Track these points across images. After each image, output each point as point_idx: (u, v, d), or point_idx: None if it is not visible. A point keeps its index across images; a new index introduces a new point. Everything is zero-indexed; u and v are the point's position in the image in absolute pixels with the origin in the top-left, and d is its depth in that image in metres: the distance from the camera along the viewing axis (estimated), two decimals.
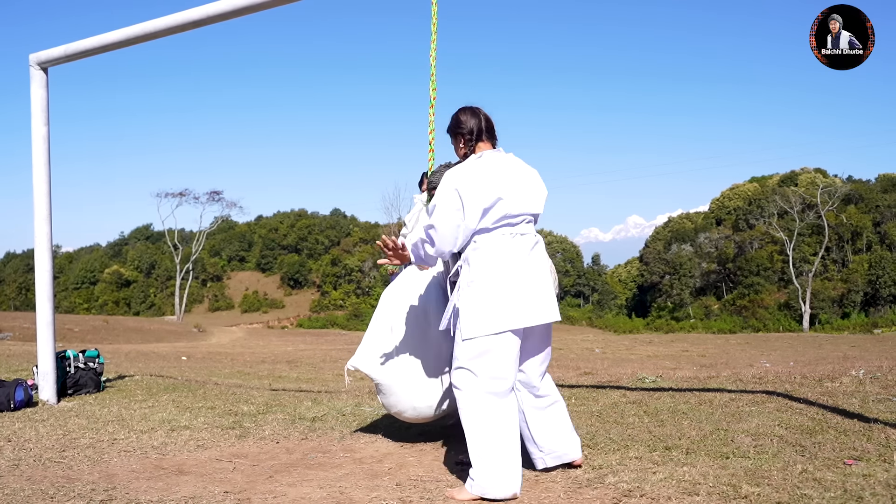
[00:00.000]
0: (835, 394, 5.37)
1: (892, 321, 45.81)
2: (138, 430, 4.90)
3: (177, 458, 4.16)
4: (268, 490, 3.48)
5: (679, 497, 3.06)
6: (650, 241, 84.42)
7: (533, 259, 3.38)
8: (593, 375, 8.70)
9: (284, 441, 4.60)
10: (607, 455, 3.85)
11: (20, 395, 5.67)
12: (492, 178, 3.30)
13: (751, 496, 3.01)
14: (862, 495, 2.95)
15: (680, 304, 71.37)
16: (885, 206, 70.46)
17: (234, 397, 6.42)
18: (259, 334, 43.43)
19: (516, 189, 3.36)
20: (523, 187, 3.40)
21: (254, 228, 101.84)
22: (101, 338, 30.90)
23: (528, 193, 3.41)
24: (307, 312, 79.61)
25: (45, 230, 6.06)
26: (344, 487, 3.49)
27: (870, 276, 65.06)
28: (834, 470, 3.34)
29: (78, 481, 3.66)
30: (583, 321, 65.16)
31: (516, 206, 3.34)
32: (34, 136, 5.98)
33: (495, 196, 3.28)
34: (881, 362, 9.02)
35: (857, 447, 3.75)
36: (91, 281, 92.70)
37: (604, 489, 3.26)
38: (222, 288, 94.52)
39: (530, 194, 3.42)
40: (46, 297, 6.08)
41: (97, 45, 5.66)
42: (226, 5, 5.03)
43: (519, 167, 3.46)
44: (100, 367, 6.67)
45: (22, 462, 4.06)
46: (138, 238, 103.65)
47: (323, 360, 16.53)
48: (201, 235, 66.04)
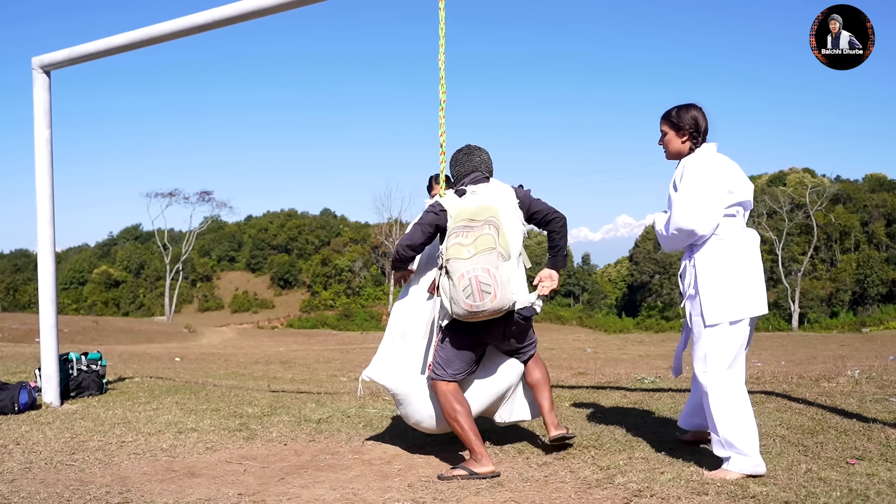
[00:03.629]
0: (832, 394, 5.45)
1: (879, 320, 46.20)
2: (146, 433, 4.93)
3: (187, 461, 4.20)
4: (281, 492, 3.52)
5: (689, 497, 3.13)
6: (640, 241, 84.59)
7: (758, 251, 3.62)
8: (588, 376, 8.78)
9: (292, 443, 4.64)
10: (614, 455, 3.91)
11: (24, 397, 5.68)
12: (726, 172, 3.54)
13: (759, 496, 3.07)
14: (867, 494, 3.02)
15: (670, 304, 71.58)
16: (873, 205, 71.01)
17: (236, 399, 6.44)
18: (250, 335, 43.36)
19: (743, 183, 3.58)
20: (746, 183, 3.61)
21: (244, 228, 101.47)
22: (91, 339, 30.79)
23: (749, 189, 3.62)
24: (297, 312, 79.39)
25: (48, 233, 6.08)
26: (356, 489, 3.54)
27: (858, 276, 65.61)
28: (838, 469, 3.41)
29: (91, 484, 3.69)
30: (573, 321, 65.35)
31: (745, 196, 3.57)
32: (37, 140, 5.99)
33: (730, 188, 3.52)
34: (873, 361, 9.14)
35: (858, 447, 3.82)
36: (80, 281, 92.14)
37: (613, 489, 3.32)
38: (212, 288, 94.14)
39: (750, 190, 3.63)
40: (50, 300, 6.09)
41: (102, 49, 5.67)
42: (234, 10, 5.06)
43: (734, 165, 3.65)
44: (102, 370, 6.69)
45: (34, 465, 4.09)
46: (127, 238, 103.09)
47: (316, 361, 16.56)
48: (191, 235, 65.84)
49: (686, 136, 3.65)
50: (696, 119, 3.63)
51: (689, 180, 3.50)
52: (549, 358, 15.57)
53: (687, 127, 3.63)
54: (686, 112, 3.65)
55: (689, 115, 3.64)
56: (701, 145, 3.63)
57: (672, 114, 3.69)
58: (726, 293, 3.46)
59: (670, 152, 3.73)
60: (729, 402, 3.41)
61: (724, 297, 3.46)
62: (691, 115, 3.64)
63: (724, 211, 3.51)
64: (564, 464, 3.81)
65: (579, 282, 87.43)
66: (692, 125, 3.62)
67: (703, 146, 3.62)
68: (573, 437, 4.04)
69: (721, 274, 3.49)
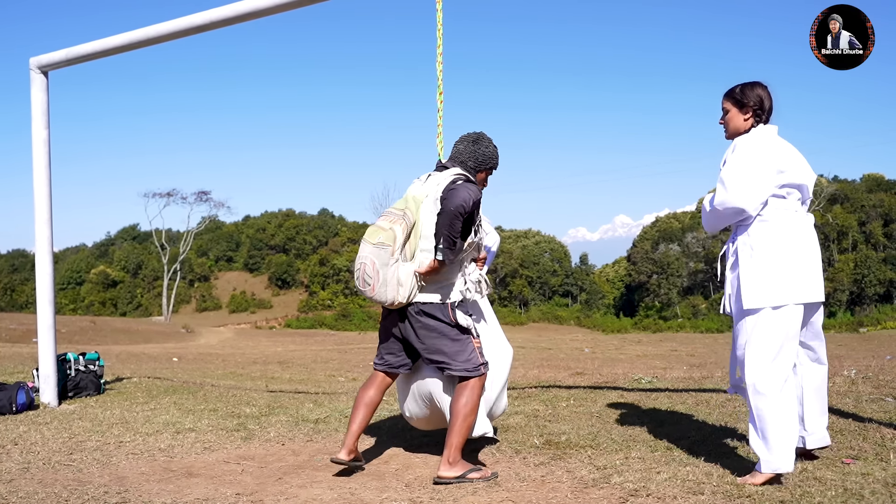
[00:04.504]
0: (829, 393, 5.45)
1: (877, 320, 46.22)
2: (143, 433, 4.94)
3: (185, 461, 4.21)
4: (279, 492, 3.53)
5: (685, 496, 3.14)
6: (638, 241, 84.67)
7: (811, 236, 3.48)
8: (586, 376, 8.79)
9: (290, 443, 4.65)
10: (611, 455, 3.93)
11: (22, 398, 5.69)
12: (780, 152, 3.42)
13: (754, 495, 3.09)
14: (862, 493, 3.04)
15: (668, 304, 71.74)
16: (870, 205, 71.09)
17: (234, 399, 6.45)
18: (248, 335, 43.32)
19: (800, 166, 3.46)
20: (804, 167, 3.50)
21: (241, 228, 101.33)
22: (89, 339, 30.76)
23: (807, 174, 3.51)
24: (295, 313, 79.33)
25: (45, 233, 6.09)
26: (354, 489, 3.55)
27: (855, 276, 65.72)
28: (833, 469, 3.43)
29: (90, 484, 3.70)
30: (571, 321, 65.47)
31: (800, 179, 3.44)
32: (34, 140, 6.00)
33: (781, 167, 3.39)
34: (870, 361, 9.15)
35: (853, 446, 3.84)
36: (77, 281, 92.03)
37: (610, 489, 3.33)
38: (210, 288, 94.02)
39: (807, 175, 3.51)
40: (48, 301, 6.09)
41: (99, 49, 5.68)
42: (232, 11, 5.07)
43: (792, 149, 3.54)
44: (100, 370, 6.70)
45: (31, 465, 4.09)
46: (125, 238, 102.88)
47: (314, 361, 16.54)
48: (189, 235, 65.85)
49: (750, 113, 3.51)
50: (761, 97, 3.50)
51: (739, 156, 3.38)
52: (546, 358, 15.58)
53: (752, 104, 3.49)
54: (752, 89, 3.51)
55: (754, 92, 3.50)
56: (762, 125, 3.51)
57: (736, 91, 3.55)
58: (768, 276, 3.29)
59: (731, 131, 3.58)
60: (770, 401, 3.23)
61: (766, 279, 3.29)
62: (757, 93, 3.50)
63: (774, 192, 3.37)
64: (561, 464, 3.83)
65: (577, 282, 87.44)
66: (757, 103, 3.49)
67: (760, 126, 3.49)
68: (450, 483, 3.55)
69: (764, 256, 3.33)
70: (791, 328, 3.30)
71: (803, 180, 3.45)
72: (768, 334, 3.28)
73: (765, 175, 3.33)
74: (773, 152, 3.38)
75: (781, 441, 3.21)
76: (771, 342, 3.28)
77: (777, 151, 3.39)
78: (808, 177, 3.48)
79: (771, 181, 3.35)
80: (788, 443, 3.22)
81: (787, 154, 3.43)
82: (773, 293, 3.28)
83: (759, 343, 3.29)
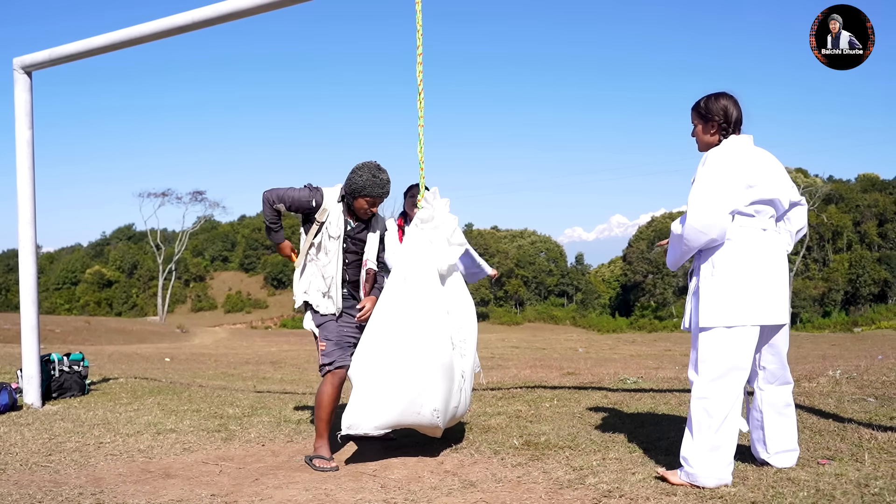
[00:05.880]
0: (811, 394, 5.48)
1: (871, 320, 46.42)
2: (124, 434, 4.93)
3: (163, 462, 4.20)
4: (254, 492, 3.52)
5: (657, 497, 3.14)
6: (633, 241, 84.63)
7: (777, 256, 3.39)
8: (576, 376, 8.78)
9: (270, 444, 4.64)
10: (588, 456, 3.93)
11: (5, 398, 5.67)
12: (750, 166, 3.32)
13: (726, 496, 3.09)
14: (833, 494, 3.04)
15: (663, 304, 71.77)
16: (865, 205, 71.23)
17: (219, 400, 6.44)
18: (242, 335, 43.26)
19: (771, 180, 3.37)
20: (777, 180, 3.40)
21: (237, 228, 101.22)
22: (83, 339, 30.70)
23: (779, 187, 3.40)
24: (290, 312, 79.19)
25: (29, 234, 6.07)
26: (329, 489, 3.55)
27: (850, 276, 65.88)
28: (808, 469, 3.43)
29: (65, 485, 3.69)
30: (566, 321, 65.52)
31: (771, 193, 3.35)
32: (18, 141, 5.98)
33: (751, 182, 3.30)
34: (859, 361, 9.16)
35: (830, 447, 3.84)
36: (72, 281, 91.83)
37: (584, 490, 3.33)
38: (205, 288, 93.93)
39: (780, 188, 3.41)
40: (31, 301, 6.07)
41: (82, 50, 5.67)
42: (213, 11, 5.06)
43: (767, 159, 3.44)
44: (84, 371, 6.68)
45: (8, 466, 4.08)
46: (120, 238, 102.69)
47: (307, 361, 16.52)
48: (184, 235, 65.74)
49: (715, 127, 3.42)
50: (725, 109, 3.40)
51: (706, 174, 3.28)
52: (540, 358, 15.61)
53: (716, 118, 3.41)
54: (715, 102, 3.43)
55: (718, 105, 3.41)
56: (733, 136, 3.42)
57: (700, 104, 3.47)
58: (725, 295, 3.26)
59: (701, 145, 3.52)
60: (711, 420, 3.23)
61: (723, 299, 3.27)
62: (720, 106, 3.41)
63: (742, 210, 3.30)
64: (539, 465, 3.83)
65: (573, 281, 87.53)
66: (721, 116, 3.40)
67: (731, 138, 3.40)
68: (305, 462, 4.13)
69: (723, 275, 3.28)
70: (743, 349, 3.28)
71: (775, 194, 3.36)
72: (719, 353, 3.27)
73: (731, 194, 3.26)
74: (743, 167, 3.29)
75: (709, 457, 3.23)
76: (720, 361, 3.27)
77: (747, 165, 3.31)
78: (781, 190, 3.39)
79: (738, 199, 3.28)
80: (716, 461, 3.23)
81: (759, 167, 3.34)
82: (728, 313, 3.26)
83: (709, 361, 3.29)
